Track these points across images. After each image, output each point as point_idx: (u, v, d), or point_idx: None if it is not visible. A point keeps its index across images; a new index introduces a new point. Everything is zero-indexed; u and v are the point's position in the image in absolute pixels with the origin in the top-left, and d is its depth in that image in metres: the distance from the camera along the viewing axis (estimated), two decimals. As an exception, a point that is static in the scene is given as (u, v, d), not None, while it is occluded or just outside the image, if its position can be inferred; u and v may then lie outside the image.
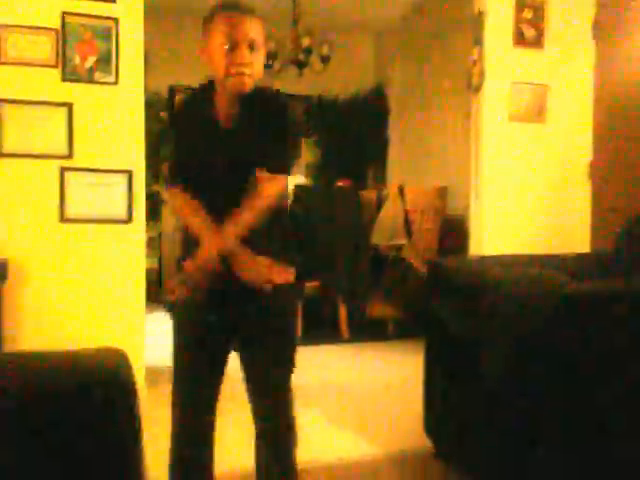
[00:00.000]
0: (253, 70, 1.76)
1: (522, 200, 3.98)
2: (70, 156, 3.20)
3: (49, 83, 3.17)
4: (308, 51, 5.82)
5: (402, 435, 2.94)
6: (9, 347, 3.03)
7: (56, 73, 3.18)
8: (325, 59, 6.01)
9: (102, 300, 3.28)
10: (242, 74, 1.74)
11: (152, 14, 3.66)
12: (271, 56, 5.96)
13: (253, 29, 1.76)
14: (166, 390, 1.94)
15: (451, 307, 2.46)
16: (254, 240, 1.77)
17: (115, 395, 0.94)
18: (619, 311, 1.85)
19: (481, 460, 2.31)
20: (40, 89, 3.16)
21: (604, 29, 3.98)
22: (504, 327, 2.09)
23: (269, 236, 1.83)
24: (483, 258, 3.26)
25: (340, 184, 5.76)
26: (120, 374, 0.96)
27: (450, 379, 2.52)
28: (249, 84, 1.77)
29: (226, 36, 1.74)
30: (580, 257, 2.97)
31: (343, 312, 4.85)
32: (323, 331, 4.95)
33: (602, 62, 4.02)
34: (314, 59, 5.98)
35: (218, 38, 1.75)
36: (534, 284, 2.01)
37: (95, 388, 0.93)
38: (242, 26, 1.75)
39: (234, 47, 1.74)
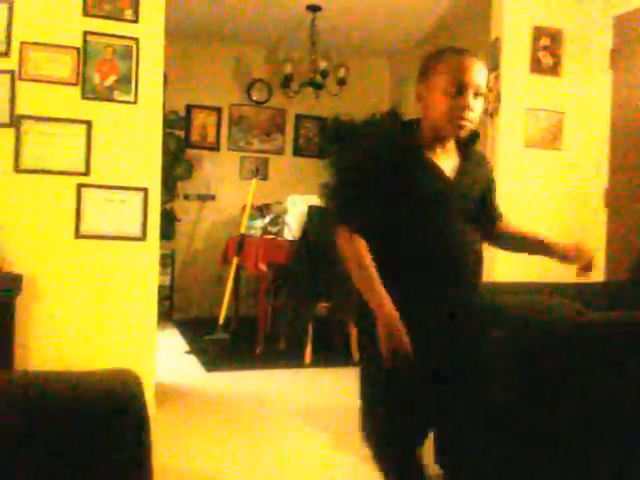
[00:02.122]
0: (475, 119, 1.72)
1: (536, 227, 3.96)
2: (87, 173, 3.24)
3: (69, 101, 3.21)
4: (324, 74, 5.87)
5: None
6: (20, 361, 3.04)
7: (76, 91, 3.22)
8: (341, 81, 6.05)
9: (114, 316, 3.29)
10: (463, 120, 1.70)
11: (171, 34, 3.71)
12: (288, 78, 6.02)
13: (481, 75, 1.71)
14: (175, 407, 1.94)
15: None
16: None
17: (126, 420, 0.94)
18: (633, 341, 1.83)
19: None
20: (60, 106, 3.20)
21: (621, 57, 3.99)
22: (516, 354, 2.07)
23: None
24: (495, 284, 3.24)
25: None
26: (132, 399, 0.96)
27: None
28: (467, 130, 1.73)
29: (457, 80, 1.67)
30: (594, 286, 2.95)
31: (354, 334, 4.82)
32: (334, 354, 4.92)
33: (618, 90, 4.02)
34: (330, 81, 6.03)
35: (445, 80, 1.68)
36: (548, 312, 2.00)
37: (107, 413, 0.93)
38: (472, 70, 1.68)
39: (461, 92, 1.68)
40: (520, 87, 3.93)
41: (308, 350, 4.66)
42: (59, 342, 3.19)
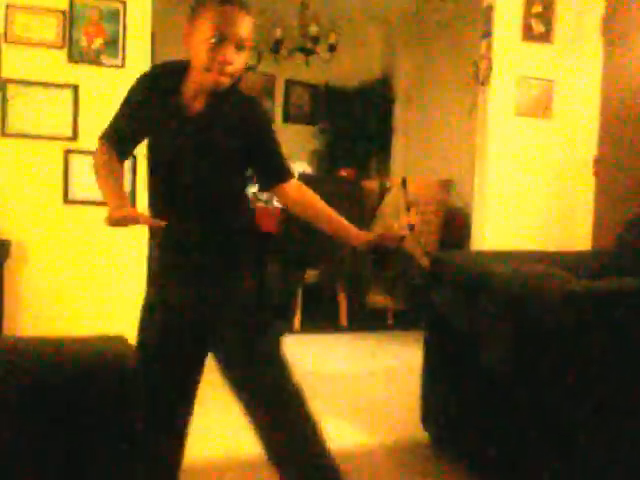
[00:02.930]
0: (235, 71, 1.68)
1: (525, 195, 3.98)
2: (74, 138, 3.20)
3: (55, 64, 3.16)
4: (315, 39, 5.79)
5: (398, 425, 2.96)
6: (9, 327, 3.04)
7: (62, 54, 3.17)
8: (332, 47, 5.98)
9: (104, 281, 3.28)
10: (222, 72, 1.65)
11: (160, -3, 3.64)
12: (278, 43, 5.94)
13: (244, 27, 1.67)
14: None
15: (452, 301, 2.46)
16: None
17: (118, 382, 0.94)
18: (621, 310, 1.86)
19: (476, 450, 2.33)
20: (46, 70, 3.15)
21: (612, 26, 3.97)
22: (505, 323, 2.09)
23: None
24: (485, 253, 3.26)
25: (343, 173, 5.75)
26: (124, 364, 0.96)
27: (449, 371, 2.54)
28: (225, 83, 1.68)
29: (215, 29, 1.63)
30: (582, 255, 2.97)
31: (343, 301, 4.86)
32: (322, 319, 4.96)
33: (610, 59, 4.00)
34: (321, 47, 5.95)
35: (205, 28, 1.64)
36: (537, 281, 2.01)
37: (99, 379, 0.93)
38: (234, 21, 1.65)
39: (221, 42, 1.64)
40: (512, 54, 3.91)
41: (297, 316, 4.69)
42: (48, 308, 3.19)
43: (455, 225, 5.08)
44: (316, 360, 4.08)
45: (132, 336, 1.13)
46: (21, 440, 0.96)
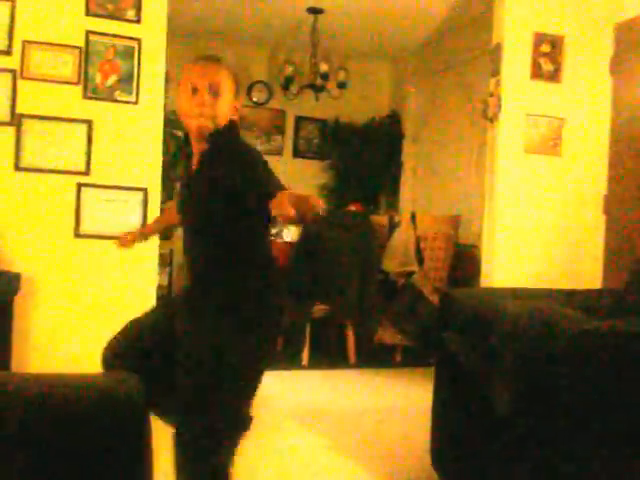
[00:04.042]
0: (214, 113, 1.84)
1: (535, 232, 3.98)
2: (87, 172, 3.24)
3: (70, 100, 3.22)
4: (325, 76, 5.87)
5: (406, 465, 2.92)
6: (18, 360, 3.04)
7: (78, 90, 3.22)
8: (342, 84, 6.06)
9: (113, 316, 3.28)
10: (200, 116, 1.82)
11: (173, 34, 3.70)
12: (288, 80, 6.02)
13: (216, 75, 1.86)
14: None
15: (462, 339, 2.45)
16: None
17: (127, 423, 0.94)
18: (633, 351, 1.84)
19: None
20: (61, 105, 3.20)
21: (621, 64, 4.00)
22: (516, 362, 2.08)
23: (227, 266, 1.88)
24: (494, 290, 3.25)
25: (352, 208, 5.77)
26: (133, 402, 0.96)
27: (459, 411, 2.51)
28: (207, 125, 1.83)
29: (190, 84, 1.84)
30: (592, 293, 2.96)
31: (351, 337, 4.83)
32: (330, 355, 4.93)
33: (618, 97, 4.03)
34: (331, 84, 6.03)
35: (184, 84, 1.86)
36: (548, 320, 2.00)
37: (107, 416, 0.93)
38: (204, 72, 1.86)
39: (195, 91, 1.83)
40: (521, 93, 3.94)
41: (305, 351, 4.66)
42: (57, 342, 3.19)
43: (464, 261, 5.07)
44: (324, 396, 4.04)
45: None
46: (28, 478, 0.95)
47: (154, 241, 3.37)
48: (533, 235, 3.97)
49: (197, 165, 1.89)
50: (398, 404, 3.94)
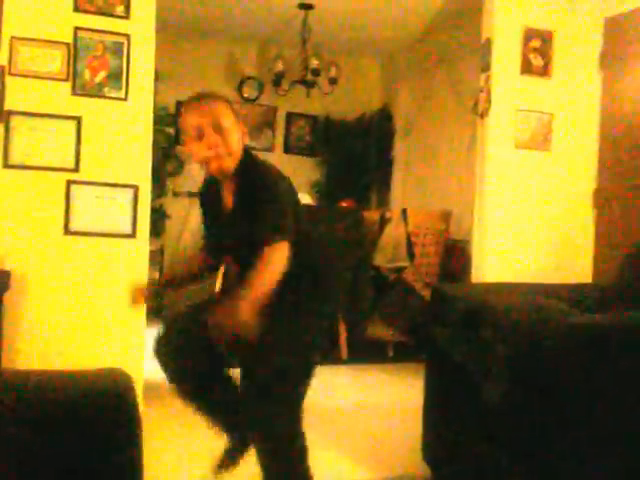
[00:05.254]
0: (229, 149, 1.84)
1: (525, 227, 3.99)
2: (77, 169, 3.22)
3: (59, 96, 3.20)
4: (316, 72, 5.87)
5: (399, 460, 2.92)
6: (8, 358, 3.03)
7: (66, 87, 3.20)
8: (333, 80, 6.06)
9: (103, 314, 3.28)
10: (216, 158, 1.83)
11: (162, 30, 3.69)
12: (279, 76, 6.02)
13: (214, 111, 1.85)
14: (163, 404, 1.95)
15: (453, 333, 2.45)
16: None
17: (117, 419, 0.94)
18: (621, 344, 1.85)
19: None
20: (50, 102, 3.18)
21: (611, 59, 4.02)
22: (506, 356, 2.08)
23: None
24: (485, 285, 3.26)
25: (343, 204, 5.77)
26: (123, 398, 0.96)
27: (450, 405, 2.52)
28: (226, 164, 1.84)
29: (192, 128, 1.83)
30: (582, 287, 2.97)
31: (343, 332, 4.84)
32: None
33: (608, 92, 4.05)
34: (322, 80, 6.03)
35: (188, 132, 1.85)
36: (538, 314, 2.01)
37: (97, 413, 0.92)
38: (201, 112, 1.84)
39: (201, 135, 1.83)
40: (510, 88, 3.94)
41: (297, 348, 4.66)
42: (47, 340, 3.18)
43: (455, 256, 5.08)
44: (315, 392, 4.03)
45: (130, 367, 1.13)
46: (18, 476, 0.95)
47: (145, 238, 3.36)
48: (523, 230, 3.98)
49: (234, 199, 1.91)
50: (390, 399, 3.95)
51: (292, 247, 1.84)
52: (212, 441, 2.20)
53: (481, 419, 2.26)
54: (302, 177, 6.62)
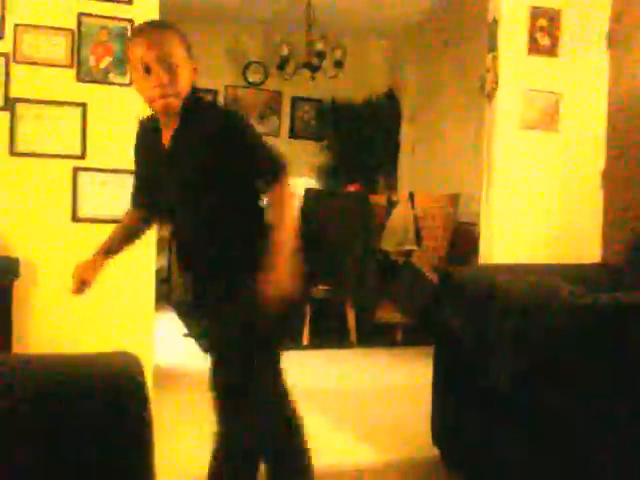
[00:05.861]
0: (177, 89, 1.70)
1: (533, 208, 3.97)
2: (83, 156, 3.22)
3: (64, 83, 3.19)
4: (321, 55, 5.83)
5: (408, 442, 2.94)
6: (19, 345, 3.05)
7: (71, 73, 3.20)
8: (338, 63, 6.03)
9: (112, 299, 3.29)
10: (163, 96, 1.69)
11: (166, 15, 3.67)
12: (284, 60, 5.99)
13: (164, 44, 1.69)
14: (173, 390, 1.96)
15: (461, 316, 2.45)
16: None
17: (127, 401, 0.94)
18: (629, 324, 1.84)
19: (488, 470, 2.31)
20: (55, 89, 3.18)
21: (618, 39, 3.97)
22: (514, 336, 2.08)
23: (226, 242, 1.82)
24: (492, 267, 3.25)
25: (350, 188, 5.76)
26: (132, 381, 0.96)
27: (458, 387, 2.52)
28: (173, 103, 1.71)
29: (140, 61, 1.68)
30: (590, 267, 2.96)
31: (351, 316, 4.85)
32: (330, 335, 4.95)
33: (616, 71, 4.00)
34: (327, 63, 5.99)
35: (135, 65, 1.70)
36: (545, 294, 2.00)
37: (107, 396, 0.93)
38: (150, 44, 1.68)
39: (149, 71, 1.68)
40: (517, 68, 3.91)
41: (306, 332, 4.68)
42: (57, 325, 3.20)
43: (462, 239, 5.07)
44: (325, 376, 4.06)
45: (140, 353, 1.13)
46: (27, 459, 0.95)
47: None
48: (531, 211, 3.96)
49: (171, 142, 1.78)
50: (399, 382, 3.96)
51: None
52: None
53: (490, 401, 2.27)
54: (308, 162, 6.61)
